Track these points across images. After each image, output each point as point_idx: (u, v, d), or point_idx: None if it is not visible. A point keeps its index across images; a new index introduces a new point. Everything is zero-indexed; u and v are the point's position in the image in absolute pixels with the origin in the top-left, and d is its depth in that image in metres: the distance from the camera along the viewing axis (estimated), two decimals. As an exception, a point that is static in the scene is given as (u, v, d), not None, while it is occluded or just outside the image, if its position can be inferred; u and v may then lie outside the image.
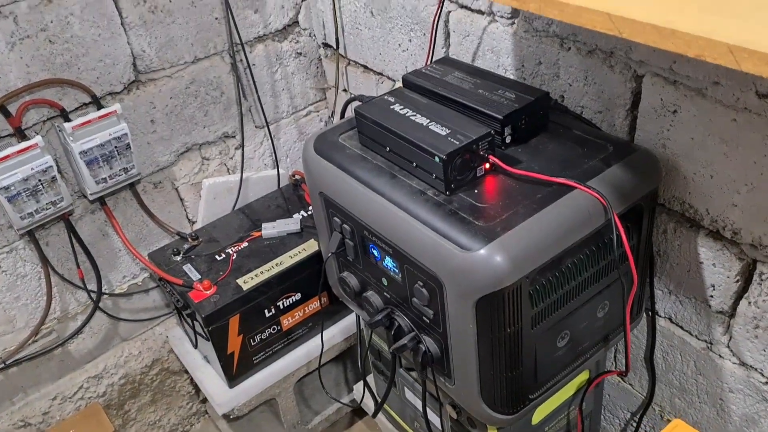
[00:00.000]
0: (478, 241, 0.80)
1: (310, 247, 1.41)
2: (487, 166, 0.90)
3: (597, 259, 0.90)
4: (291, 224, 1.45)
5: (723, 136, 0.85)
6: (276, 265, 1.37)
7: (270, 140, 1.58)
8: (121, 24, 1.29)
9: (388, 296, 1.01)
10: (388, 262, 0.96)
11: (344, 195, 0.99)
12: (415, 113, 0.95)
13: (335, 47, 1.52)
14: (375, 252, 0.99)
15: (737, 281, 0.93)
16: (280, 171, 1.61)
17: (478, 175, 0.90)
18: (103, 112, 1.25)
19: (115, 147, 1.28)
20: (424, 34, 1.26)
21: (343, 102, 1.59)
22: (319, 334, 1.45)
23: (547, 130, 0.98)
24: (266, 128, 1.56)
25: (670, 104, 0.90)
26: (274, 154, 1.60)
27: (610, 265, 0.92)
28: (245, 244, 1.44)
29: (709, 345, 1.02)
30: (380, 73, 1.45)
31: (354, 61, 1.51)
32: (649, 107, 0.93)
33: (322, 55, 1.61)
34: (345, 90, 1.58)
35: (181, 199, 1.51)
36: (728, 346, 0.99)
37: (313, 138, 1.06)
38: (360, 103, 1.06)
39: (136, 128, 1.37)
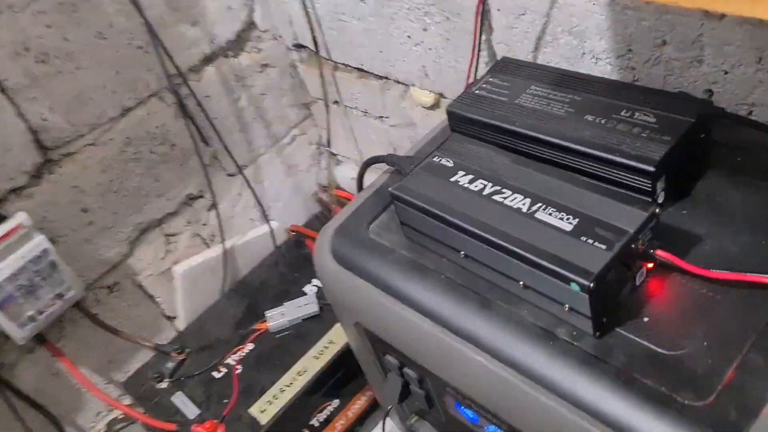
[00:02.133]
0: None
1: (338, 336, 1.02)
2: (650, 265, 0.51)
3: None
4: (305, 305, 1.06)
5: None
6: (298, 374, 0.99)
7: (250, 188, 1.17)
8: (2, 91, 0.86)
9: (499, 469, 0.64)
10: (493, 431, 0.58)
11: (400, 334, 0.61)
12: (499, 188, 0.55)
13: (313, 48, 1.09)
14: (467, 413, 0.60)
15: None
16: (273, 225, 1.20)
17: (637, 283, 0.51)
18: (4, 229, 0.84)
19: (35, 271, 0.87)
20: (447, 18, 0.84)
21: (335, 116, 1.18)
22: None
23: (709, 161, 0.58)
24: (241, 174, 1.15)
25: None
26: (259, 205, 1.20)
27: None
28: (249, 345, 1.05)
29: None
30: (384, 77, 1.03)
31: (343, 64, 1.09)
32: None
33: (296, 60, 1.18)
34: (336, 102, 1.17)
35: (150, 296, 1.12)
36: None
37: (328, 236, 0.66)
38: (389, 172, 0.67)
39: (63, 227, 0.96)
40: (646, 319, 0.49)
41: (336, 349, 1.00)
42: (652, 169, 0.53)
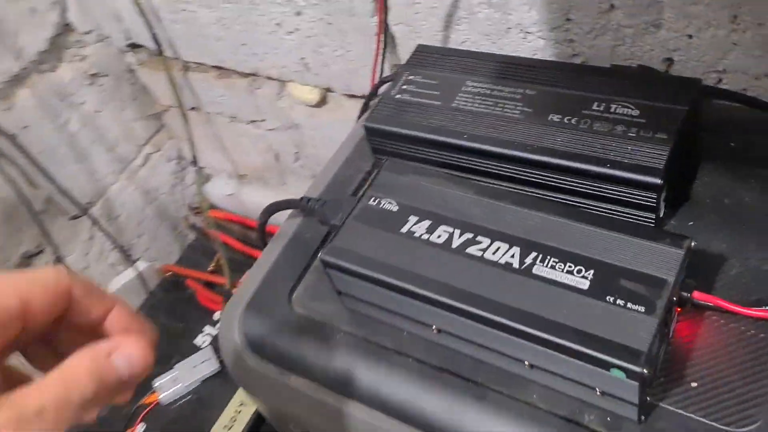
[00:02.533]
0: None
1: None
2: (679, 308, 0.40)
3: None
4: (201, 363, 0.87)
5: None
6: (210, 453, 0.81)
7: (102, 229, 0.95)
8: None
9: None
10: None
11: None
12: (471, 235, 0.41)
13: (154, 47, 0.88)
14: None
15: None
16: (140, 266, 0.99)
17: (670, 336, 0.39)
18: None
19: None
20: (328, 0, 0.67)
21: (196, 124, 0.98)
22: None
23: (700, 151, 0.48)
24: (87, 215, 0.93)
25: None
26: (118, 247, 0.98)
27: None
28: (140, 427, 0.85)
29: None
30: (252, 74, 0.85)
31: (196, 63, 0.89)
32: None
33: (133, 63, 0.96)
34: (195, 108, 0.96)
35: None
36: None
37: (236, 317, 0.49)
38: (300, 215, 0.50)
39: None
40: (694, 384, 0.38)
41: (250, 413, 0.83)
42: (658, 181, 0.41)
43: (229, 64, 0.85)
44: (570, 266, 0.37)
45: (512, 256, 0.39)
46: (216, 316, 0.94)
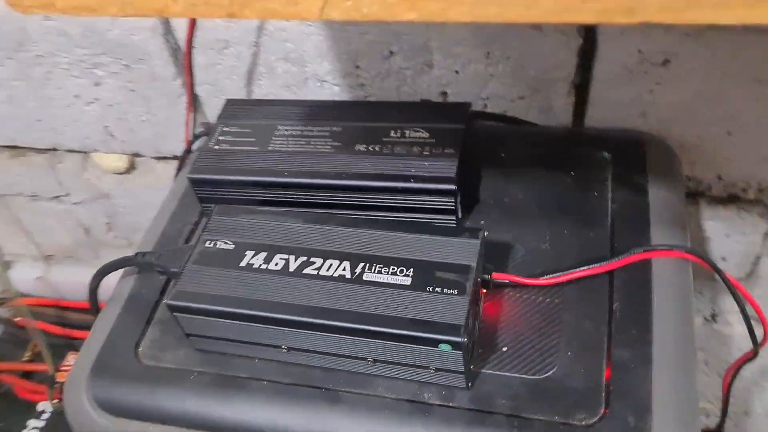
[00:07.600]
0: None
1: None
2: (484, 290, 0.48)
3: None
4: (31, 460, 0.81)
5: (757, 75, 0.55)
6: None
7: None
8: None
9: None
10: None
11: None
12: (305, 258, 0.45)
13: (-69, 133, 0.82)
14: None
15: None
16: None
17: (480, 314, 0.47)
18: None
19: None
20: (128, 66, 0.69)
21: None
22: None
23: (479, 162, 0.57)
24: None
25: (656, 54, 0.56)
26: None
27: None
28: None
29: (708, 319, 0.80)
30: (51, 149, 0.83)
31: (-16, 144, 0.85)
32: (613, 70, 0.58)
33: None
34: (-15, 194, 0.90)
35: None
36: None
37: (83, 383, 0.48)
38: (132, 273, 0.52)
39: None
40: (505, 349, 0.45)
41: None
42: (453, 187, 0.49)
43: (23, 141, 0.82)
44: (393, 269, 0.43)
45: (344, 269, 0.44)
46: (40, 407, 0.87)
